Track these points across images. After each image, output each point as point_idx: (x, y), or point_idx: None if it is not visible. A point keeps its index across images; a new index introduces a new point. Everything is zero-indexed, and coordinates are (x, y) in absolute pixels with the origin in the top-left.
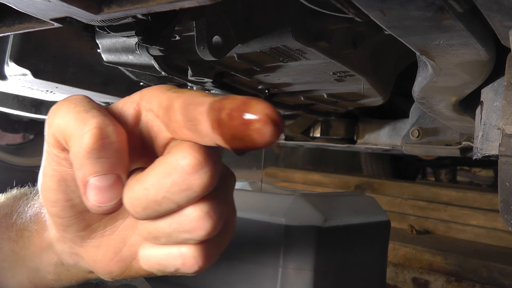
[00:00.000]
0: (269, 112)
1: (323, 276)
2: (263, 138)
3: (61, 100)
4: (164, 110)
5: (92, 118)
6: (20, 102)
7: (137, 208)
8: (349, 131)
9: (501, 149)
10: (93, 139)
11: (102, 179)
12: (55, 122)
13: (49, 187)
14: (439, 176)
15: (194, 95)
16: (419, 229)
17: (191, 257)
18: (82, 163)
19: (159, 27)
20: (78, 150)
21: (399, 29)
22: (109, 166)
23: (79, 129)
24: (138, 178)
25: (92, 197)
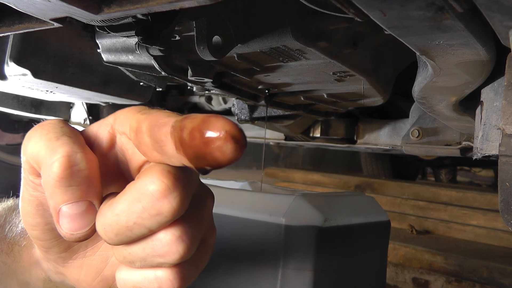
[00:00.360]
0: (228, 128)
1: (323, 276)
2: (225, 156)
3: (35, 126)
4: (135, 133)
5: (61, 146)
6: (20, 102)
7: (109, 234)
8: (349, 131)
9: (501, 149)
10: (61, 168)
11: (73, 207)
12: (28, 149)
13: (28, 212)
14: (439, 176)
15: (159, 116)
16: (419, 229)
17: (167, 280)
18: (53, 192)
19: (159, 27)
20: (48, 179)
21: (399, 29)
22: (80, 194)
23: (48, 158)
24: (110, 205)
25: (65, 225)
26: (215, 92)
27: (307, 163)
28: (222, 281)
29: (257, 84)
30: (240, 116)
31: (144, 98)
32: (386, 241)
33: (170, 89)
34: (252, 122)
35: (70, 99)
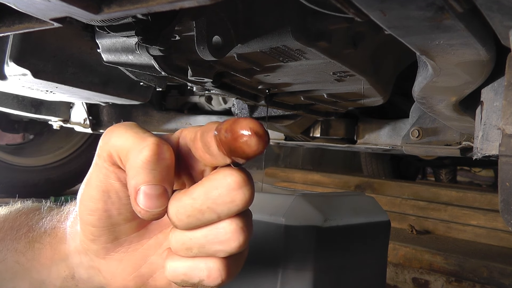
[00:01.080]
0: (252, 126)
1: (323, 276)
2: (251, 148)
3: (113, 125)
4: (192, 141)
5: (150, 137)
6: (20, 102)
7: (181, 215)
8: (349, 131)
9: (501, 149)
10: (151, 152)
11: (152, 188)
12: (112, 140)
13: (91, 196)
14: (439, 176)
15: (208, 124)
16: (419, 229)
17: (216, 270)
18: (137, 172)
19: (159, 27)
20: (135, 161)
21: (399, 29)
22: (160, 178)
23: (138, 145)
24: (186, 191)
25: (141, 202)
26: (215, 92)
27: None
28: None
29: (257, 84)
30: (240, 116)
31: (144, 98)
32: (386, 241)
33: (170, 89)
34: None
35: (70, 99)
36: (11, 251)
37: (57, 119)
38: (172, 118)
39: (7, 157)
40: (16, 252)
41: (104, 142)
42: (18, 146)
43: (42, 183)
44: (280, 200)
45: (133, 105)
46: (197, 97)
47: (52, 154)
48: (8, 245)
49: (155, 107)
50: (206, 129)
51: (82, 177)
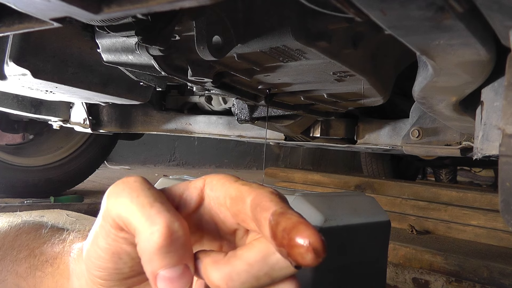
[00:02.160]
0: (313, 240)
1: (323, 276)
2: (304, 261)
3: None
4: (233, 201)
5: (158, 216)
6: (20, 102)
7: (234, 282)
8: (349, 131)
9: (502, 149)
10: (162, 237)
11: (171, 271)
12: (116, 208)
13: (100, 257)
14: (439, 176)
15: (263, 195)
16: (419, 229)
17: None
18: (151, 259)
19: (159, 27)
20: (147, 247)
21: (400, 29)
22: (177, 258)
23: (146, 227)
24: (237, 255)
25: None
26: (215, 92)
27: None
28: None
29: (257, 84)
30: (240, 116)
31: (144, 98)
32: (386, 241)
33: (170, 89)
34: (252, 122)
35: (70, 99)
36: (11, 273)
37: (57, 119)
38: (172, 118)
39: (7, 157)
40: (17, 276)
41: (107, 208)
42: (18, 146)
43: (42, 183)
44: None
45: (133, 105)
46: (197, 97)
47: (52, 154)
48: (8, 266)
49: (155, 107)
50: (260, 203)
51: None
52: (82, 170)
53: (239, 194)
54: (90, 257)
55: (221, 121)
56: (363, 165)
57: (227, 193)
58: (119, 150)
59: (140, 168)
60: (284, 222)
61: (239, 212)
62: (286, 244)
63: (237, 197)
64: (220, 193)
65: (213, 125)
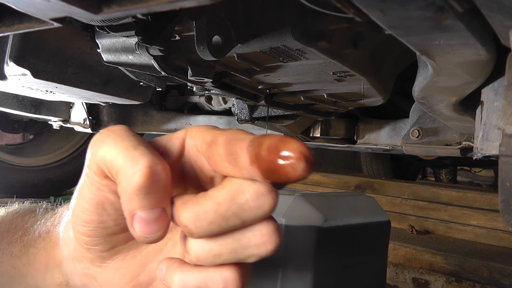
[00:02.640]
0: (303, 150)
1: (323, 276)
2: (296, 173)
3: (104, 130)
4: (207, 145)
5: (141, 157)
6: (20, 102)
7: (201, 222)
8: (349, 131)
9: (502, 149)
10: (143, 178)
11: (149, 213)
12: (100, 153)
13: (84, 208)
14: (439, 176)
15: (236, 132)
16: (419, 229)
17: (233, 281)
18: (130, 198)
19: (159, 27)
20: (128, 186)
21: (400, 29)
22: (156, 201)
23: (129, 167)
24: (206, 195)
25: (138, 228)
26: (215, 92)
27: None
28: None
29: (257, 84)
30: (240, 116)
31: (144, 98)
32: (386, 241)
33: (170, 89)
34: (252, 122)
35: (70, 99)
36: (7, 255)
37: (57, 119)
38: (172, 118)
39: (7, 157)
40: (11, 256)
41: (92, 154)
42: (18, 146)
43: (42, 183)
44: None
45: (133, 105)
46: (197, 97)
47: (52, 154)
48: (4, 249)
49: (155, 107)
50: (235, 137)
51: None
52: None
53: (213, 138)
54: (75, 211)
55: (221, 121)
56: (363, 165)
57: (203, 139)
58: None
59: None
60: (269, 141)
61: (212, 155)
62: (274, 158)
63: (211, 141)
64: (198, 140)
65: (213, 125)
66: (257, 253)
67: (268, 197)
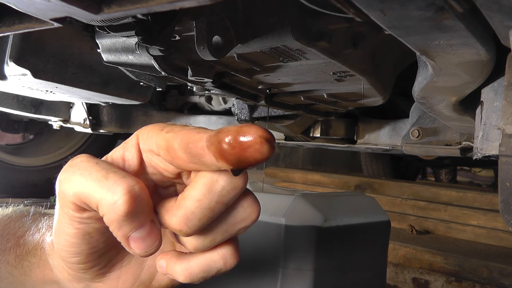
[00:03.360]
0: (261, 133)
1: (323, 276)
2: (263, 155)
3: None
4: (165, 150)
5: (116, 185)
6: (20, 102)
7: (192, 221)
8: (349, 131)
9: (501, 149)
10: (127, 204)
11: (141, 231)
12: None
13: (72, 243)
14: (439, 176)
15: (189, 133)
16: (419, 229)
17: (230, 254)
18: (120, 225)
19: (159, 27)
20: (114, 216)
21: (399, 29)
22: (144, 218)
23: (108, 198)
24: (185, 196)
25: (137, 247)
26: (215, 92)
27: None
28: (222, 281)
29: (257, 84)
30: (240, 116)
31: (144, 98)
32: (386, 241)
33: (170, 89)
34: (252, 122)
35: (70, 99)
36: (3, 262)
37: (57, 119)
38: (172, 118)
39: (7, 157)
40: (8, 264)
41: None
42: (18, 146)
43: (42, 183)
44: (280, 200)
45: (133, 105)
46: (197, 97)
47: (52, 154)
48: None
49: (155, 107)
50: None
51: None
52: None
53: (167, 143)
54: (62, 248)
55: (221, 121)
56: (363, 165)
57: (158, 144)
58: None
59: None
60: (226, 135)
61: (173, 159)
62: (239, 151)
63: (167, 147)
64: (152, 145)
65: (213, 125)
66: (245, 225)
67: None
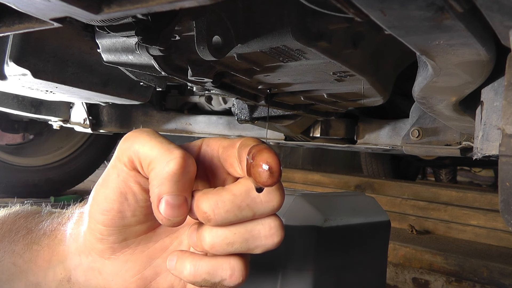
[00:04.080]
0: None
1: (323, 276)
2: (261, 179)
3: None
4: (225, 149)
5: (175, 149)
6: (20, 102)
7: (219, 210)
8: (349, 131)
9: (501, 149)
10: (178, 165)
11: (175, 198)
12: (135, 147)
13: (107, 197)
14: (439, 176)
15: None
16: (419, 229)
17: (239, 269)
18: (162, 182)
19: (159, 27)
20: (161, 171)
21: (399, 29)
22: (182, 189)
23: (164, 156)
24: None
25: (163, 210)
26: (215, 92)
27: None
28: None
29: (257, 84)
30: (240, 116)
31: (144, 98)
32: (386, 241)
33: (170, 89)
34: (252, 122)
35: (70, 99)
36: (8, 252)
37: (57, 119)
38: (172, 118)
39: (7, 157)
40: (13, 254)
41: (125, 147)
42: (18, 146)
43: (42, 183)
44: None
45: (133, 105)
46: (197, 97)
47: (52, 154)
48: (6, 247)
49: (155, 107)
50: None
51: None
52: (82, 170)
53: (231, 143)
54: (97, 200)
55: (221, 121)
56: (363, 165)
57: (221, 144)
58: None
59: None
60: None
61: (228, 157)
62: (249, 165)
63: (228, 145)
64: (214, 146)
65: (213, 125)
66: (264, 244)
67: (277, 194)
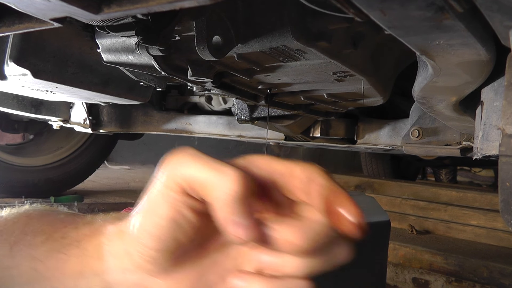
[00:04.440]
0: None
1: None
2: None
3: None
4: (282, 176)
5: (231, 169)
6: (20, 102)
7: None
8: (349, 131)
9: (501, 149)
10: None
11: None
12: (182, 172)
13: (158, 224)
14: (439, 176)
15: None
16: (419, 229)
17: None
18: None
19: (159, 27)
20: (225, 193)
21: (399, 29)
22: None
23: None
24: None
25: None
26: (215, 92)
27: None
28: None
29: (257, 84)
30: (240, 116)
31: (144, 98)
32: (386, 241)
33: (170, 89)
34: (252, 122)
35: (70, 99)
36: (26, 257)
37: (57, 119)
38: (172, 118)
39: (7, 157)
40: (33, 259)
41: (171, 172)
42: (18, 146)
43: (42, 183)
44: None
45: (133, 105)
46: (197, 97)
47: (52, 154)
48: (22, 251)
49: (155, 107)
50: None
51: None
52: (82, 170)
53: (288, 170)
54: (145, 228)
55: (221, 121)
56: (363, 165)
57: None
58: (119, 150)
59: (140, 168)
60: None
61: (287, 185)
62: (337, 218)
63: (286, 173)
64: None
65: (213, 125)
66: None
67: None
